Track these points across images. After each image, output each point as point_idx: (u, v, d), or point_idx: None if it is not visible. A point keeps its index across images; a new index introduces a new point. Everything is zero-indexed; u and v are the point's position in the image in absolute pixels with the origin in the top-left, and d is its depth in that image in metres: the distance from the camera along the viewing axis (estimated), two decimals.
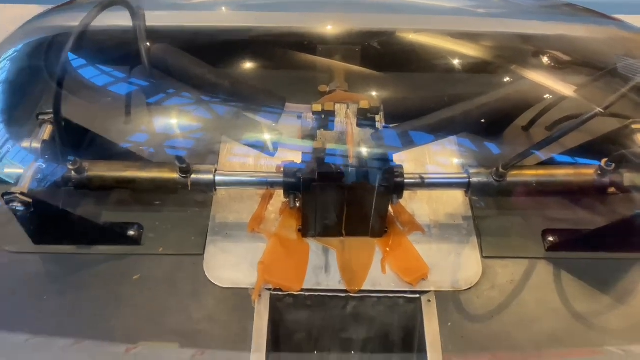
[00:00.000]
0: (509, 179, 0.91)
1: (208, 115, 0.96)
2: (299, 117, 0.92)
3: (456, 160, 1.02)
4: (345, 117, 0.89)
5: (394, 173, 0.85)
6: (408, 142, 0.86)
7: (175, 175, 0.90)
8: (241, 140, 1.00)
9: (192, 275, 0.91)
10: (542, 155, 0.95)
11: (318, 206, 0.88)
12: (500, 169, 0.89)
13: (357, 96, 1.06)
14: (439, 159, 1.02)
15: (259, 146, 0.97)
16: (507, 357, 0.85)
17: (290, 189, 0.88)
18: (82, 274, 0.92)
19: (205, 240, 0.94)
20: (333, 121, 0.90)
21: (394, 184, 0.86)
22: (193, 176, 0.90)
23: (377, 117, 0.89)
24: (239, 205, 0.99)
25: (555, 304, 0.89)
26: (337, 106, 0.90)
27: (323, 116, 0.90)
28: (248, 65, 1.17)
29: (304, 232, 0.94)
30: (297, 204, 0.90)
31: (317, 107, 0.89)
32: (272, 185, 0.89)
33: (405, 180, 0.87)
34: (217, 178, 0.90)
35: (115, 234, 0.95)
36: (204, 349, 0.84)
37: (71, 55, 0.98)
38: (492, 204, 1.00)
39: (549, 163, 0.97)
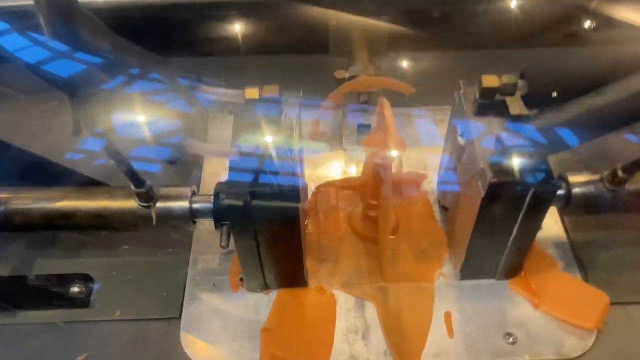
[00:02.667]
0: (628, 186, 0.61)
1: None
2: (230, 113, 0.60)
3: None
4: (377, 107, 0.59)
5: (554, 187, 0.55)
6: (559, 141, 0.54)
7: (132, 205, 0.61)
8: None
9: (164, 351, 0.61)
10: None
11: (263, 244, 0.58)
12: (620, 173, 0.59)
13: (391, 81, 0.77)
14: None
15: None
16: None
17: (219, 218, 0.59)
18: (4, 354, 0.62)
19: (182, 297, 0.65)
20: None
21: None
22: (159, 204, 0.60)
23: (511, 101, 0.56)
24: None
25: None
26: (286, 95, 0.59)
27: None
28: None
29: (247, 284, 0.65)
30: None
31: (253, 92, 0.58)
32: (195, 214, 0.60)
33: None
34: (196, 205, 0.61)
35: (51, 293, 0.66)
36: None
37: None
38: (595, 224, 0.70)
39: None
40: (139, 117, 0.57)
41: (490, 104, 0.57)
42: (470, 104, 0.59)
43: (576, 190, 0.61)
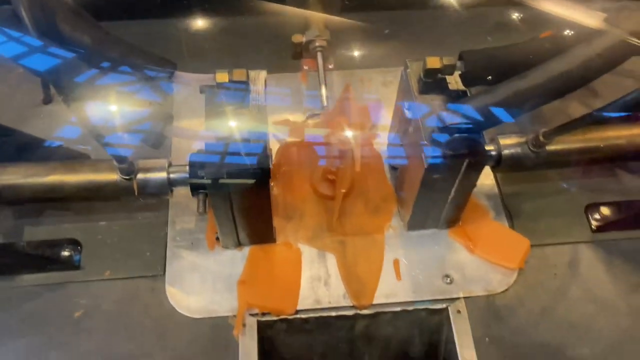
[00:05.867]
0: (548, 148, 0.71)
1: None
2: (202, 91, 0.66)
3: None
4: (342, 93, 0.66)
5: (482, 147, 0.64)
6: (492, 118, 0.61)
7: (114, 177, 0.67)
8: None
9: (153, 304, 0.70)
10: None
11: (237, 210, 0.67)
12: (541, 138, 0.69)
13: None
14: None
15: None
16: None
17: (196, 188, 0.66)
18: (4, 316, 0.69)
19: (165, 256, 0.73)
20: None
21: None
22: (140, 176, 0.67)
23: (451, 79, 0.64)
24: None
25: (613, 300, 0.72)
26: (252, 74, 0.65)
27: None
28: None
29: (223, 242, 0.74)
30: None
31: (223, 76, 0.63)
32: (172, 183, 0.67)
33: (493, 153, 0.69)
34: (173, 176, 0.68)
35: (43, 258, 0.73)
36: None
37: None
38: (522, 178, 0.81)
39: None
40: (112, 107, 0.62)
41: (433, 82, 0.66)
42: (416, 81, 0.67)
43: (505, 152, 0.71)
